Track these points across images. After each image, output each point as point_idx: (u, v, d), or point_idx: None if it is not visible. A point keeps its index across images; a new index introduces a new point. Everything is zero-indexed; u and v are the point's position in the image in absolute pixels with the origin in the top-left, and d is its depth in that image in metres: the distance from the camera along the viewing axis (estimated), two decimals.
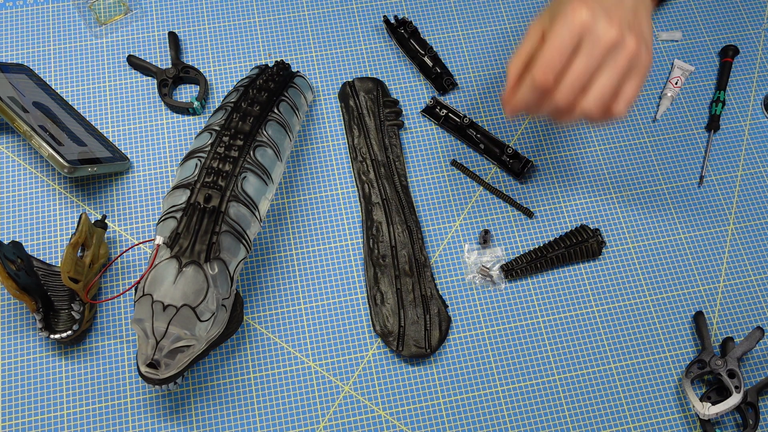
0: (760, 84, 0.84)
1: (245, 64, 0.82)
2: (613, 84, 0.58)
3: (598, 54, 0.57)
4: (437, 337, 0.69)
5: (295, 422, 0.67)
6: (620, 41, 0.57)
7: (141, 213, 0.75)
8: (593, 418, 0.68)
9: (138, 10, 0.84)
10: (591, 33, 0.57)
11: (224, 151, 0.66)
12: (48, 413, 0.67)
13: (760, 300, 0.74)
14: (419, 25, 0.85)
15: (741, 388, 0.66)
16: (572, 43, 0.57)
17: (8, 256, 0.61)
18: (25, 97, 0.74)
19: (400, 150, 0.78)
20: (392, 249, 0.73)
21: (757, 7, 0.88)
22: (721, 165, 0.80)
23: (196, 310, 0.60)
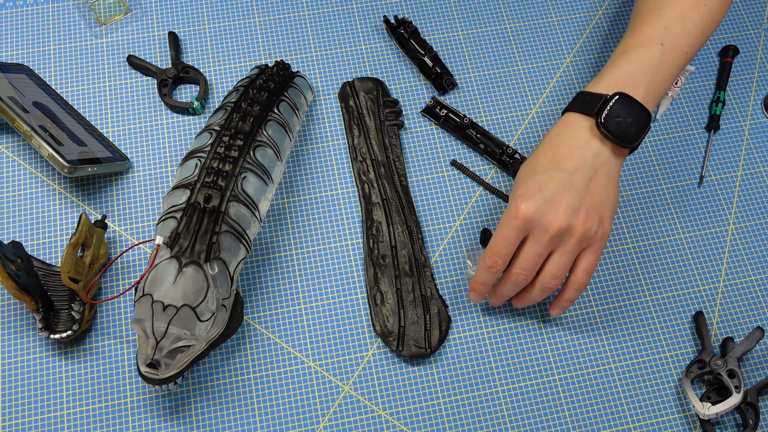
0: (760, 84, 0.84)
1: (245, 64, 0.82)
2: (567, 263, 0.63)
3: (545, 241, 0.62)
4: (437, 337, 0.69)
5: (295, 422, 0.67)
6: (566, 227, 0.61)
7: (141, 213, 0.75)
8: (593, 418, 0.68)
9: (138, 10, 0.84)
10: (536, 224, 0.62)
11: (224, 151, 0.66)
12: (48, 413, 0.67)
13: (760, 300, 0.74)
14: (419, 25, 0.85)
15: (741, 388, 0.66)
16: (517, 234, 0.62)
17: (8, 256, 0.61)
18: (25, 97, 0.74)
19: (400, 150, 0.78)
20: (392, 249, 0.73)
21: (757, 7, 0.88)
22: (721, 165, 0.80)
23: (196, 310, 0.60)
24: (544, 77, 0.83)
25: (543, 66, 0.84)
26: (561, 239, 0.62)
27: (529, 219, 0.61)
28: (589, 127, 0.63)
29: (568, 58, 0.84)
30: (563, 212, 0.61)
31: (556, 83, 0.83)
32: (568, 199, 0.61)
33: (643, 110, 0.63)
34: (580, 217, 0.61)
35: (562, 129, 0.65)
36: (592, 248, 0.63)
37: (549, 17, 0.86)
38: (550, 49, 0.85)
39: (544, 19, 0.86)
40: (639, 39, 0.66)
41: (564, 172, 0.62)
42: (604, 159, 0.63)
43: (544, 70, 0.83)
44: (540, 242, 0.62)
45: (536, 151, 0.65)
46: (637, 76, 0.64)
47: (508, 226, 0.62)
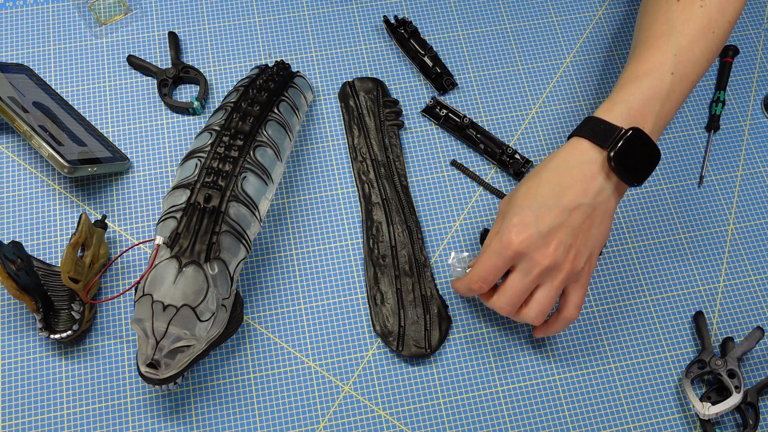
0: (760, 84, 0.84)
1: (245, 64, 0.82)
2: (553, 298, 0.62)
3: (532, 277, 0.61)
4: (437, 337, 0.69)
5: (295, 422, 0.67)
6: (555, 265, 0.61)
7: (141, 213, 0.75)
8: (593, 418, 0.68)
9: (138, 10, 0.84)
10: (525, 257, 0.61)
11: (224, 151, 0.66)
12: (48, 413, 0.67)
13: (760, 300, 0.74)
14: (419, 25, 0.85)
15: (741, 388, 0.66)
16: (505, 263, 0.61)
17: (8, 256, 0.61)
18: (25, 97, 0.74)
19: (400, 150, 0.78)
20: (392, 249, 0.73)
21: (757, 7, 0.88)
22: (721, 165, 0.80)
23: (196, 310, 0.60)
24: (544, 77, 0.83)
25: (543, 66, 0.84)
26: (548, 275, 0.61)
27: (520, 252, 0.60)
28: (600, 160, 0.61)
29: (568, 58, 0.84)
30: (554, 250, 0.60)
31: (556, 83, 0.83)
32: (562, 236, 0.60)
33: (654, 149, 0.62)
34: (570, 256, 0.61)
35: (570, 156, 0.62)
36: (579, 283, 0.63)
37: (549, 17, 0.86)
38: (550, 49, 0.85)
39: (544, 19, 0.86)
40: (649, 65, 0.64)
41: (563, 207, 0.60)
42: (605, 197, 0.61)
43: (544, 70, 0.83)
44: (527, 277, 0.61)
45: (538, 175, 0.63)
46: (648, 106, 0.62)
47: (498, 255, 0.61)
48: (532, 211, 0.61)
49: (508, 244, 0.60)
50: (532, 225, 0.60)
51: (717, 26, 0.65)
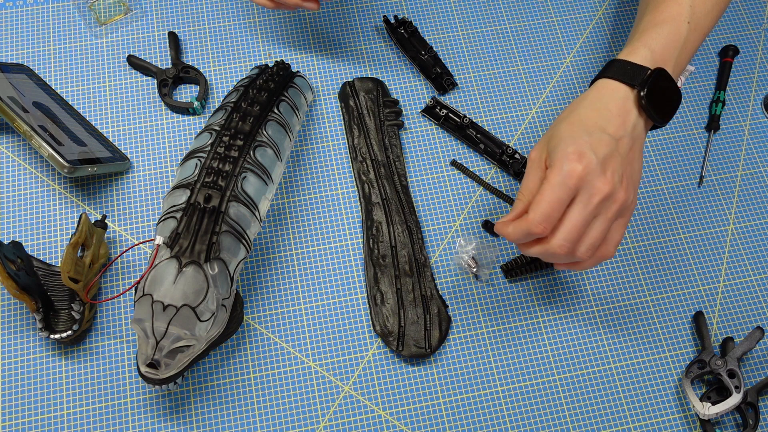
0: (760, 84, 0.84)
1: (245, 64, 0.82)
2: (605, 231, 0.60)
3: (593, 207, 0.59)
4: (437, 337, 0.69)
5: (295, 422, 0.67)
6: (612, 193, 0.59)
7: (141, 213, 0.75)
8: (593, 418, 0.68)
9: (138, 10, 0.84)
10: (586, 186, 0.58)
11: (224, 151, 0.66)
12: (48, 413, 0.67)
13: (760, 300, 0.74)
14: (419, 25, 0.85)
15: (741, 388, 0.66)
16: (569, 195, 0.58)
17: (8, 256, 0.61)
18: (25, 97, 0.74)
19: (400, 150, 0.78)
20: (392, 249, 0.73)
21: (757, 7, 0.88)
22: (721, 165, 0.80)
23: (196, 310, 0.60)
24: (544, 77, 0.83)
25: (543, 66, 0.84)
26: (605, 205, 0.59)
27: (584, 179, 0.58)
28: (631, 96, 0.62)
29: (568, 58, 0.84)
30: (611, 178, 0.58)
31: (556, 83, 0.83)
32: (615, 165, 0.59)
33: (677, 89, 0.63)
34: (623, 185, 0.59)
35: (603, 93, 0.62)
36: (623, 219, 0.61)
37: (549, 17, 0.86)
38: (550, 49, 0.85)
39: (544, 19, 0.86)
40: (667, 14, 0.66)
41: (611, 137, 0.60)
42: (639, 131, 0.62)
43: (544, 70, 0.83)
44: (587, 207, 0.58)
45: (575, 112, 0.62)
46: (668, 52, 0.64)
47: (562, 186, 0.58)
48: (585, 141, 0.59)
49: (571, 172, 0.58)
50: (589, 152, 0.58)
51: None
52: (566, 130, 0.60)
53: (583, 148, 0.58)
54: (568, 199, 0.58)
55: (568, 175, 0.58)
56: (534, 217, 0.58)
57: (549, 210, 0.58)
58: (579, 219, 0.59)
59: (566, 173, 0.58)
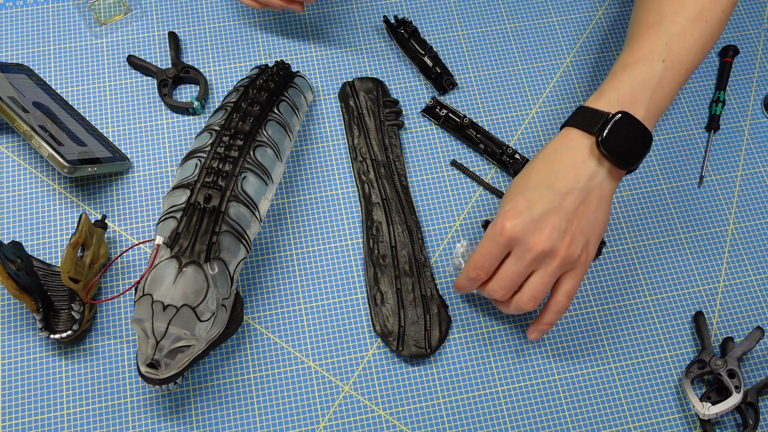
0: (760, 84, 0.84)
1: (245, 64, 0.82)
2: (547, 285, 0.62)
3: (527, 262, 0.61)
4: (437, 337, 0.69)
5: (295, 422, 0.67)
6: (550, 250, 0.60)
7: (141, 213, 0.75)
8: (593, 418, 0.68)
9: (138, 10, 0.84)
10: (519, 242, 0.61)
11: (224, 151, 0.66)
12: (48, 413, 0.67)
13: (760, 300, 0.74)
14: (419, 25, 0.85)
15: (741, 388, 0.66)
16: (499, 250, 0.61)
17: (8, 256, 0.61)
18: (25, 97, 0.74)
19: (400, 150, 0.78)
20: (392, 249, 0.73)
21: (757, 7, 0.88)
22: (721, 165, 0.80)
23: (196, 310, 0.60)
24: (544, 77, 0.83)
25: (543, 66, 0.84)
26: (543, 261, 0.61)
27: (514, 237, 0.60)
28: (589, 145, 0.62)
29: (568, 58, 0.84)
30: (548, 234, 0.60)
31: (556, 83, 0.83)
32: (556, 221, 0.60)
33: (645, 132, 0.62)
34: (564, 241, 0.60)
35: (560, 144, 0.63)
36: (575, 272, 0.63)
37: (549, 17, 0.86)
38: (550, 49, 0.85)
39: (544, 19, 0.86)
40: (639, 54, 0.64)
41: (555, 191, 0.61)
42: (598, 181, 0.62)
43: (544, 70, 0.83)
44: (521, 262, 0.61)
45: (531, 165, 0.64)
46: (638, 93, 0.63)
47: (492, 242, 0.61)
48: (524, 197, 0.61)
49: (501, 230, 0.60)
50: (525, 211, 0.60)
51: (709, 15, 0.66)
52: (513, 186, 0.63)
53: (519, 206, 0.61)
54: (499, 253, 0.62)
55: (498, 232, 0.61)
56: (469, 264, 0.63)
57: (481, 261, 0.62)
58: (512, 270, 0.62)
59: (497, 230, 0.61)
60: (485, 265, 0.62)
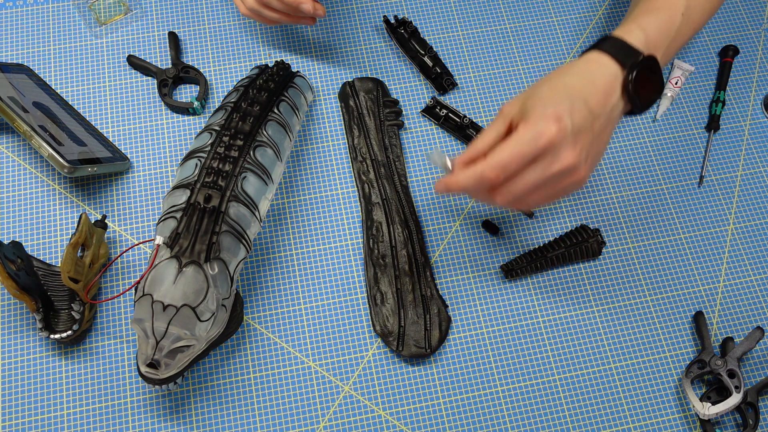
0: (760, 84, 0.84)
1: (245, 64, 0.82)
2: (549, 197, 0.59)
3: (551, 174, 0.57)
4: (437, 337, 0.69)
5: (295, 422, 0.67)
6: (574, 168, 0.57)
7: (141, 213, 0.75)
8: (593, 418, 0.68)
9: (138, 10, 0.84)
10: (552, 152, 0.56)
11: (224, 151, 0.66)
12: (48, 413, 0.67)
13: (760, 300, 0.74)
14: (419, 25, 0.85)
15: (741, 388, 0.66)
16: (533, 154, 0.56)
17: (8, 256, 0.61)
18: (25, 97, 0.74)
19: (400, 150, 0.78)
20: (392, 249, 0.73)
21: (757, 7, 0.88)
22: (721, 165, 0.80)
23: (196, 310, 0.60)
24: None
25: (543, 66, 0.84)
26: (560, 175, 0.57)
27: (553, 143, 0.55)
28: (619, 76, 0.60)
29: (568, 58, 0.84)
30: (579, 152, 0.57)
31: None
32: (585, 140, 0.57)
33: (661, 81, 0.62)
34: (586, 164, 0.58)
35: (592, 66, 0.60)
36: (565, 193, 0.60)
37: (549, 17, 0.86)
38: (550, 49, 0.85)
39: (544, 19, 0.86)
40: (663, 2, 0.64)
41: (589, 111, 0.58)
42: (616, 114, 0.60)
43: (544, 70, 0.83)
44: (544, 172, 0.57)
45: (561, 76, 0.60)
46: (661, 39, 0.62)
47: (529, 144, 0.55)
48: (566, 106, 0.57)
49: (544, 132, 0.55)
50: (567, 118, 0.56)
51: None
52: (548, 93, 0.58)
53: (562, 112, 0.56)
54: (530, 157, 0.56)
55: (540, 134, 0.56)
56: (491, 162, 0.56)
57: (509, 160, 0.56)
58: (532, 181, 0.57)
59: (539, 131, 0.56)
60: (512, 168, 0.56)
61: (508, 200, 0.58)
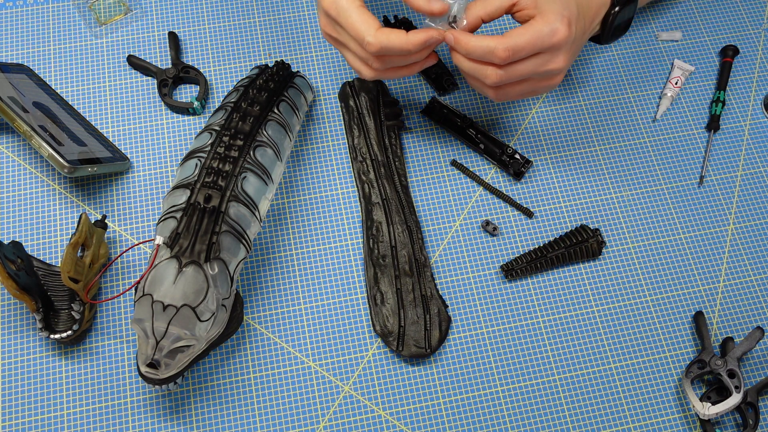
0: (760, 84, 0.84)
1: (245, 64, 0.82)
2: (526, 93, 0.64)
3: (543, 70, 0.61)
4: (437, 337, 0.69)
5: (295, 422, 0.67)
6: (560, 71, 0.62)
7: (141, 213, 0.75)
8: (593, 418, 0.68)
9: (138, 10, 0.84)
10: (553, 51, 0.60)
11: (224, 151, 0.66)
12: (48, 413, 0.67)
13: (760, 300, 0.74)
14: (419, 25, 0.85)
15: (741, 388, 0.66)
16: (542, 48, 0.60)
17: (8, 256, 0.61)
18: (25, 97, 0.74)
19: (400, 150, 0.78)
20: (392, 249, 0.73)
21: (757, 7, 0.88)
22: (721, 165, 0.80)
23: (196, 310, 0.60)
24: None
25: None
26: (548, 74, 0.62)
27: (558, 44, 0.60)
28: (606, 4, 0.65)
29: None
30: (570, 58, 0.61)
31: None
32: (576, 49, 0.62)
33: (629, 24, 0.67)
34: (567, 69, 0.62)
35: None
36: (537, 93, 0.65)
37: None
38: None
39: None
40: None
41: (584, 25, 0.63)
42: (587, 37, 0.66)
43: None
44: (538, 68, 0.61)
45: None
46: None
47: (545, 38, 0.59)
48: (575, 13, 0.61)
49: (557, 31, 0.59)
50: (573, 25, 0.60)
51: None
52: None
53: (573, 18, 0.60)
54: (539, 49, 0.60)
55: (555, 31, 0.59)
56: (508, 42, 0.59)
57: (522, 46, 0.59)
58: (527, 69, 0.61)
59: (554, 29, 0.59)
60: (521, 55, 0.60)
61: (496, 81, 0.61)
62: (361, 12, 0.60)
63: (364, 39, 0.60)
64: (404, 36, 0.59)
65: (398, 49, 0.60)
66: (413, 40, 0.59)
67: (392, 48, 0.60)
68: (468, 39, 0.60)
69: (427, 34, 0.60)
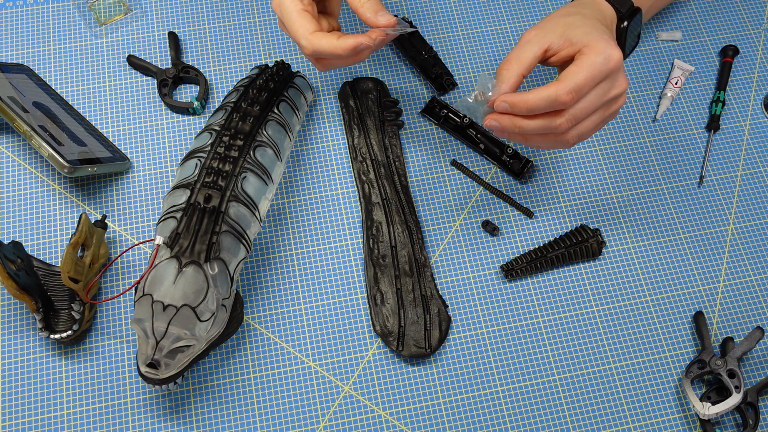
0: (760, 84, 0.84)
1: (245, 64, 0.82)
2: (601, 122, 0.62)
3: (609, 97, 0.60)
4: (437, 337, 0.69)
5: (295, 422, 0.67)
6: (624, 92, 0.61)
7: (141, 213, 0.75)
8: (593, 418, 0.68)
9: (138, 10, 0.84)
10: (613, 77, 0.59)
11: (224, 151, 0.66)
12: (48, 413, 0.67)
13: (760, 300, 0.74)
14: (419, 25, 0.85)
15: (741, 388, 0.66)
16: (602, 77, 0.58)
17: (8, 256, 0.61)
18: (25, 97, 0.74)
19: (400, 150, 0.78)
20: (392, 249, 0.73)
21: (757, 7, 0.88)
22: (721, 165, 0.80)
23: (196, 310, 0.60)
24: (543, 77, 0.83)
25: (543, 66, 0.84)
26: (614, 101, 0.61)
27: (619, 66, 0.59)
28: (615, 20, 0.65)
29: None
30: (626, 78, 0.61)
31: None
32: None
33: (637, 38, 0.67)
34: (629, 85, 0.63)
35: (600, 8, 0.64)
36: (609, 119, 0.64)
37: None
38: None
39: None
40: None
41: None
42: None
43: (543, 70, 0.83)
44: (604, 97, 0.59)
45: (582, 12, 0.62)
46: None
47: (600, 69, 0.58)
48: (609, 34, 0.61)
49: (612, 56, 0.58)
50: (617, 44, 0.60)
51: None
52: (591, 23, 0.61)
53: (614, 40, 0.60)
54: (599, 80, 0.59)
55: (609, 57, 0.58)
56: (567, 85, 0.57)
57: (583, 83, 0.58)
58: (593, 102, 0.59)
59: (608, 56, 0.58)
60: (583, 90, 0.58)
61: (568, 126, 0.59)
62: (300, 15, 0.62)
63: (299, 42, 0.62)
64: (335, 41, 0.61)
65: (329, 54, 0.61)
66: (343, 45, 0.61)
67: (323, 52, 0.61)
68: (525, 96, 0.58)
69: (356, 40, 0.61)
